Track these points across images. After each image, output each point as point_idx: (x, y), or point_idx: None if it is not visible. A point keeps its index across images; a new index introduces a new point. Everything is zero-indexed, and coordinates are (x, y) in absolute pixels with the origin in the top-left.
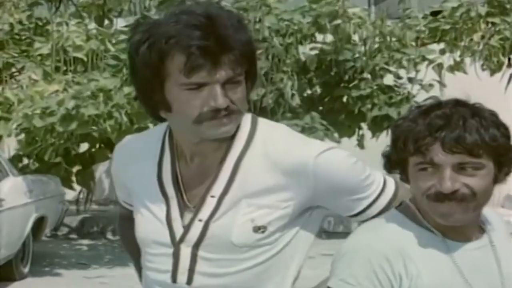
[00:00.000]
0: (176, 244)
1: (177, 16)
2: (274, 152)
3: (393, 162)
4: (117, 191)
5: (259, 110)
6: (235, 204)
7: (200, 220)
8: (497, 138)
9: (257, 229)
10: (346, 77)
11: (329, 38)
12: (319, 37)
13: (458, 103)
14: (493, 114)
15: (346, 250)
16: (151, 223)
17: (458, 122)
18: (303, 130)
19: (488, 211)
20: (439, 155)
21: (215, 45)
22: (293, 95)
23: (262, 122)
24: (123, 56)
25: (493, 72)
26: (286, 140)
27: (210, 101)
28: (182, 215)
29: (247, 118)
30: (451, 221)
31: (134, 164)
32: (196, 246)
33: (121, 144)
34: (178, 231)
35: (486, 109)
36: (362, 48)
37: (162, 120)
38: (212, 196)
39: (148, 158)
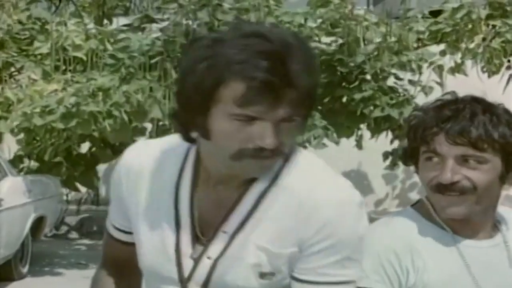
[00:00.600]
0: (184, 281)
1: (247, 38)
2: (298, 189)
3: (408, 154)
4: (113, 212)
5: None
6: (245, 245)
7: (208, 258)
8: (507, 136)
9: (263, 275)
10: (350, 78)
11: (337, 40)
12: (326, 39)
13: (474, 100)
14: (508, 113)
15: None
16: (158, 255)
17: (466, 115)
18: None
19: (506, 211)
20: (443, 146)
21: (281, 80)
22: None
23: (299, 154)
24: (121, 55)
25: (493, 74)
26: (316, 177)
27: (257, 138)
28: (193, 248)
29: None
30: (450, 214)
31: (148, 181)
32: (205, 286)
33: (133, 154)
34: (187, 267)
35: (501, 107)
36: (368, 50)
37: (190, 140)
38: (224, 232)
39: (166, 176)
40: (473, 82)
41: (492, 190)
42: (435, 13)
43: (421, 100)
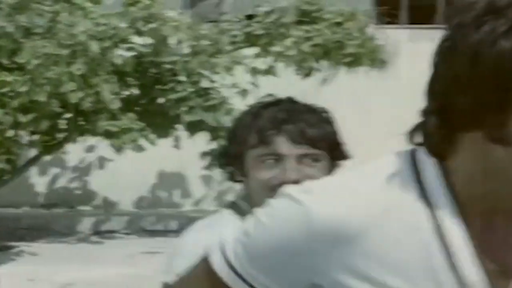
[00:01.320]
0: None
1: None
2: None
3: (230, 157)
4: (264, 276)
5: (79, 113)
6: None
7: None
8: (332, 133)
9: None
10: (163, 80)
11: (147, 40)
12: (138, 39)
13: (293, 101)
14: (326, 112)
15: (183, 247)
16: None
17: (300, 116)
18: (120, 132)
19: None
20: (283, 147)
21: None
22: (113, 98)
23: None
24: None
25: (305, 76)
26: None
27: None
28: None
29: None
30: None
31: (375, 241)
32: None
33: (334, 211)
34: None
35: (319, 107)
36: (179, 51)
37: (439, 154)
38: None
39: (403, 227)
40: (287, 84)
41: None
42: (250, 18)
43: (237, 102)
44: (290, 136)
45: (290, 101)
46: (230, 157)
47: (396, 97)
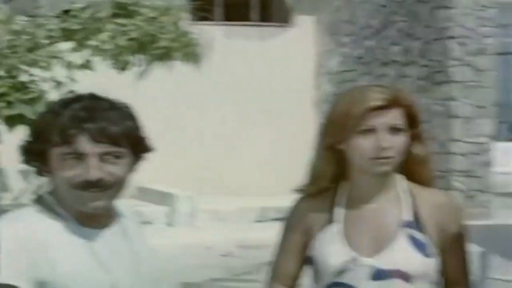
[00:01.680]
0: None
1: None
2: None
3: (33, 154)
4: None
5: None
6: None
7: None
8: (134, 129)
9: None
10: None
11: None
12: None
13: (95, 97)
14: (128, 107)
15: None
16: None
17: (101, 114)
18: None
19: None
20: (85, 145)
21: None
22: None
23: None
24: None
25: (121, 70)
26: None
27: None
28: None
29: None
30: (93, 208)
31: None
32: None
33: None
34: None
35: (121, 102)
36: None
37: None
38: None
39: None
40: (104, 78)
41: (126, 182)
42: (67, 13)
43: (54, 96)
44: (91, 135)
45: (92, 97)
46: (34, 153)
47: (210, 92)
